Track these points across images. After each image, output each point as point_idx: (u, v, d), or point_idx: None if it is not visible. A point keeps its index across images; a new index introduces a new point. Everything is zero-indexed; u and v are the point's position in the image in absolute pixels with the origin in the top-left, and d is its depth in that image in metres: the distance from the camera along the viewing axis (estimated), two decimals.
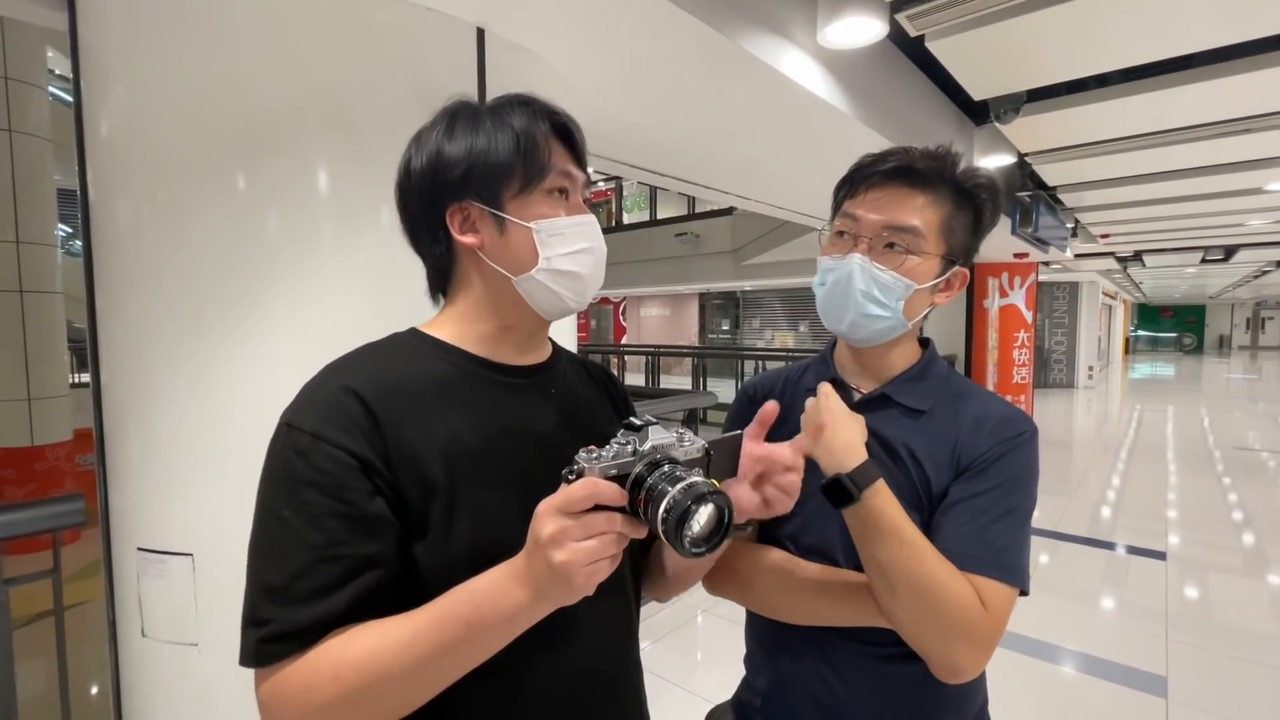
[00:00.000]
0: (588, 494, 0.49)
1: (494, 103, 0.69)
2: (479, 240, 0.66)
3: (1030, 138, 3.67)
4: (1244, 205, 5.30)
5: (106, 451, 1.43)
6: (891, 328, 0.81)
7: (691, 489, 0.50)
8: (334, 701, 0.52)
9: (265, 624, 0.54)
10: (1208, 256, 9.05)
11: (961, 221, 0.81)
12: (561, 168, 0.67)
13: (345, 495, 0.56)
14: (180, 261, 1.31)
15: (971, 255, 0.84)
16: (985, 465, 0.77)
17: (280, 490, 0.57)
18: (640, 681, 0.79)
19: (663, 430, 0.56)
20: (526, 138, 0.65)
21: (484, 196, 0.65)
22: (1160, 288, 19.78)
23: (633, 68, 1.93)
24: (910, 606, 0.71)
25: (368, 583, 0.56)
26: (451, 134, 0.66)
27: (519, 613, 0.52)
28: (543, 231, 0.66)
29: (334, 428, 0.57)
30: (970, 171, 0.80)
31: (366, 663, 0.52)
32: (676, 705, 2.29)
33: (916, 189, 0.78)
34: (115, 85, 1.34)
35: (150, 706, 1.41)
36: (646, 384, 9.54)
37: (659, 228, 11.72)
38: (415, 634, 0.53)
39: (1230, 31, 2.28)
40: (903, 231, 0.78)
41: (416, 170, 0.68)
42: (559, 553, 0.49)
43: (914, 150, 0.80)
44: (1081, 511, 4.86)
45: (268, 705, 0.55)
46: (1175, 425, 8.84)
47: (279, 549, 0.56)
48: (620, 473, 0.52)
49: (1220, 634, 2.98)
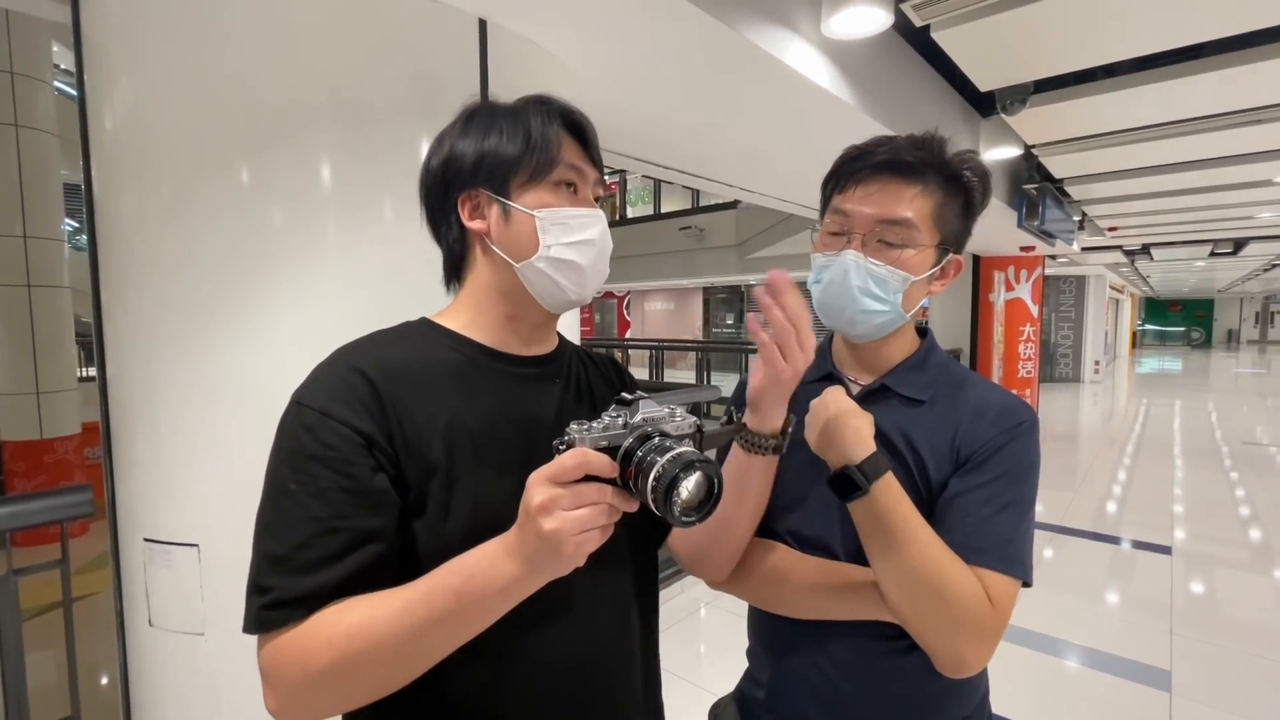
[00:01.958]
0: (577, 464, 0.50)
1: (512, 103, 0.71)
2: (485, 226, 0.69)
3: (1037, 129, 3.64)
4: (1254, 197, 5.25)
5: (113, 444, 1.44)
6: (891, 321, 0.81)
7: (679, 458, 0.50)
8: (328, 668, 0.54)
9: (268, 591, 0.56)
10: (1217, 250, 8.97)
11: (953, 209, 0.80)
12: (570, 162, 0.69)
13: (350, 470, 0.58)
14: (184, 255, 1.32)
15: (964, 241, 0.83)
16: (987, 456, 0.76)
17: (288, 464, 0.59)
18: (639, 673, 0.78)
19: (654, 404, 0.56)
20: (538, 131, 0.67)
21: (492, 184, 0.68)
22: (1168, 281, 19.64)
23: (636, 59, 1.92)
24: (916, 601, 0.71)
25: (367, 556, 0.58)
26: (466, 131, 0.69)
27: (510, 584, 0.53)
28: (545, 219, 0.67)
29: (341, 406, 0.60)
30: (958, 155, 0.79)
31: (360, 632, 0.54)
32: (681, 697, 2.30)
33: (906, 180, 0.77)
34: (119, 79, 1.34)
35: (158, 695, 1.42)
36: (650, 378, 9.54)
37: (663, 221, 11.69)
38: (407, 604, 0.54)
39: (1240, 21, 2.26)
40: (896, 225, 0.77)
41: (434, 166, 0.71)
42: (548, 520, 0.49)
43: (900, 140, 0.79)
44: (1087, 506, 4.85)
45: (267, 671, 0.57)
46: (1182, 420, 8.79)
47: (284, 520, 0.57)
48: (610, 444, 0.53)
49: (1225, 629, 2.97)
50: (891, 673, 0.80)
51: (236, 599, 0.58)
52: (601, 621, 0.71)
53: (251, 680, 1.46)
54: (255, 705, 0.95)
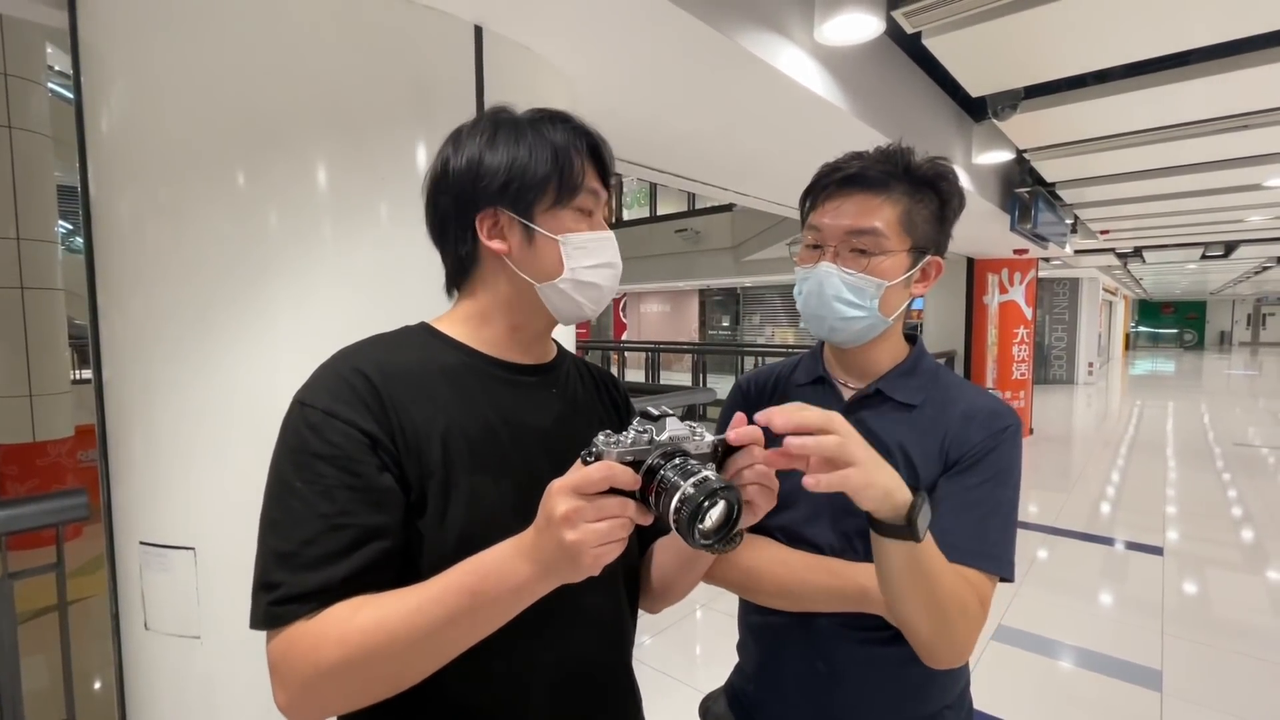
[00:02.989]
0: (603, 476, 0.51)
1: (533, 115, 0.71)
2: (506, 247, 0.69)
3: (1029, 134, 3.67)
4: (1244, 201, 5.29)
5: (109, 447, 1.45)
6: (871, 326, 0.83)
7: (704, 484, 0.51)
8: (339, 664, 0.54)
9: (276, 587, 0.56)
10: (1208, 252, 9.03)
11: (922, 213, 0.82)
12: (591, 186, 0.71)
13: (355, 468, 0.59)
14: (181, 258, 1.32)
15: (943, 243, 0.86)
16: (976, 459, 0.79)
17: (292, 462, 0.60)
18: (632, 685, 0.80)
19: (678, 422, 0.57)
20: (564, 155, 0.68)
21: (517, 207, 0.68)
22: (1161, 284, 19.76)
23: (630, 65, 1.93)
24: (929, 619, 0.72)
25: (373, 552, 0.59)
26: (494, 143, 0.68)
27: (523, 586, 0.54)
28: (569, 245, 0.69)
29: (345, 406, 0.61)
30: (926, 163, 0.82)
31: (373, 628, 0.54)
32: (675, 699, 2.30)
33: (872, 192, 0.80)
34: (116, 83, 1.35)
35: (153, 699, 1.42)
36: (646, 380, 9.55)
37: (659, 224, 11.71)
38: (421, 602, 0.55)
39: (1230, 27, 2.28)
40: (863, 234, 0.80)
41: (455, 170, 0.69)
42: (571, 532, 0.50)
43: (866, 154, 0.82)
44: (1080, 507, 4.88)
45: (277, 667, 0.57)
46: (1175, 421, 8.85)
47: (290, 517, 0.58)
48: (635, 459, 0.54)
49: (1215, 628, 2.99)
50: (878, 662, 0.82)
51: (232, 602, 0.59)
52: (598, 631, 0.73)
53: (246, 683, 1.46)
54: (251, 708, 0.96)
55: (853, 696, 0.83)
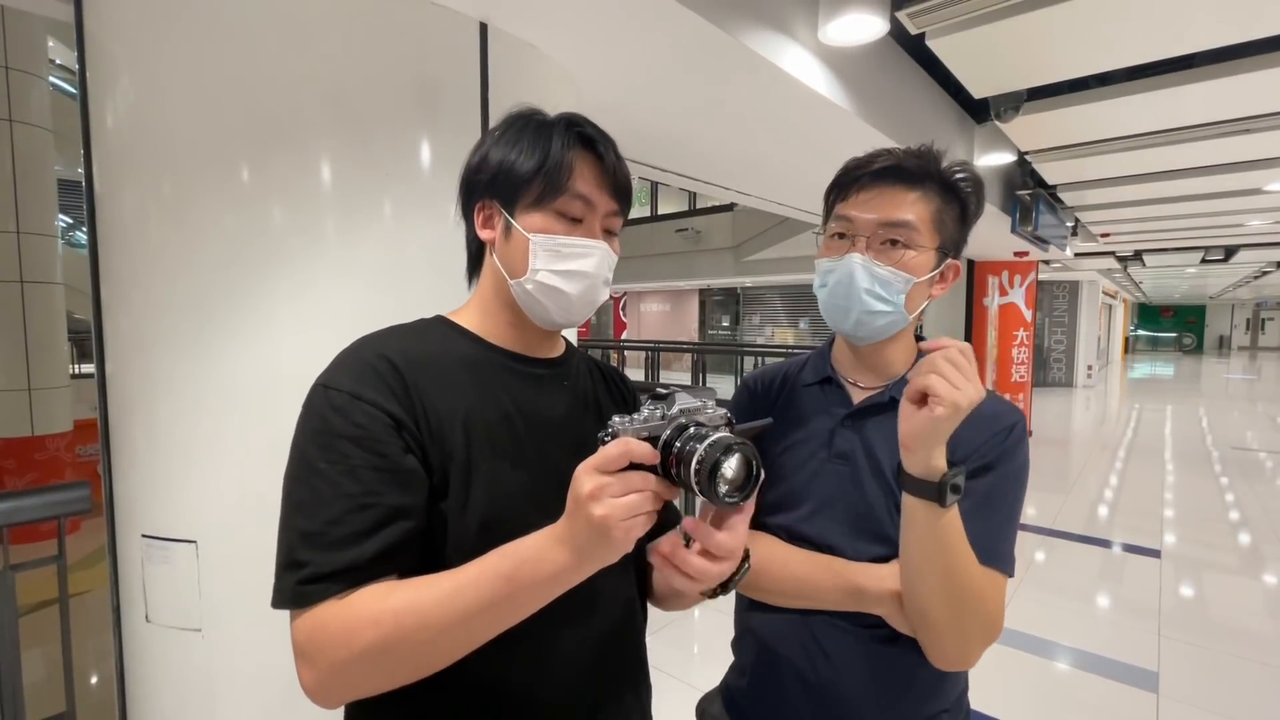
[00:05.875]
0: (621, 452, 0.52)
1: (553, 119, 0.71)
2: (492, 237, 0.72)
3: (1031, 136, 3.67)
4: (1244, 205, 5.30)
5: (111, 440, 1.45)
6: (894, 322, 0.83)
7: (718, 443, 0.52)
8: (373, 646, 0.54)
9: (303, 566, 0.57)
10: (1208, 256, 9.04)
11: (950, 214, 0.83)
12: (580, 191, 0.69)
13: (381, 449, 0.60)
14: (185, 253, 1.32)
15: (961, 247, 0.86)
16: (984, 460, 0.79)
17: (315, 444, 0.60)
18: (644, 668, 0.81)
19: (688, 396, 0.59)
20: (556, 154, 0.68)
21: (502, 199, 0.70)
22: (1160, 287, 19.78)
23: (634, 63, 1.93)
24: (946, 601, 0.72)
25: (399, 532, 0.59)
26: (502, 139, 0.71)
27: (559, 573, 0.54)
28: (537, 244, 0.69)
29: (370, 388, 0.62)
30: (953, 166, 0.83)
31: (407, 611, 0.55)
32: (674, 697, 2.31)
33: (906, 186, 0.81)
34: (121, 77, 1.35)
35: (154, 691, 1.42)
36: (646, 379, 9.55)
37: (660, 223, 11.72)
38: (458, 587, 0.55)
39: (1232, 31, 2.29)
40: (898, 226, 0.80)
41: (470, 164, 0.74)
42: (598, 507, 0.51)
43: (898, 150, 0.82)
44: (1078, 509, 4.89)
45: (304, 648, 0.57)
46: (1173, 425, 8.86)
47: (315, 498, 0.59)
48: (651, 435, 0.55)
49: (1212, 631, 3.00)
50: (877, 659, 0.82)
51: (234, 595, 0.59)
52: (615, 607, 0.74)
53: (247, 676, 1.46)
54: (251, 701, 0.96)
55: (849, 696, 0.83)
